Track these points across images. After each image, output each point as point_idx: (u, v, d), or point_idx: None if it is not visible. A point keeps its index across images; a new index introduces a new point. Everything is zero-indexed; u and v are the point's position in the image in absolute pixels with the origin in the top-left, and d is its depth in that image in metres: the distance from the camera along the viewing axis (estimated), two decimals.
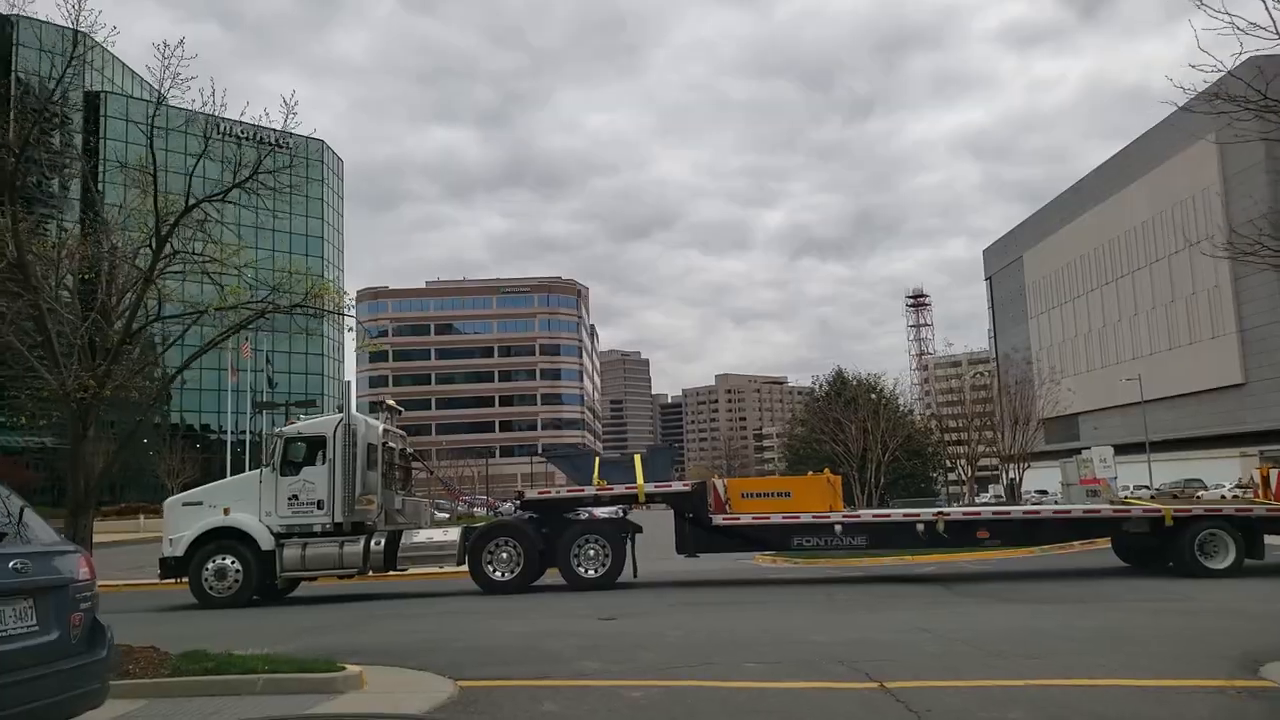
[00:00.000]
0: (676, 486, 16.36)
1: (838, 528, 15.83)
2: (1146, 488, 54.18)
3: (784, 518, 15.78)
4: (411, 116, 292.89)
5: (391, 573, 16.68)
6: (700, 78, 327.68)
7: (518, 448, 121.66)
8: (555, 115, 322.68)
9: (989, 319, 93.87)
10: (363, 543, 15.37)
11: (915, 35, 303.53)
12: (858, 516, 16.45)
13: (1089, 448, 30.58)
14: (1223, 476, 52.52)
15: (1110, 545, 17.70)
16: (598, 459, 16.87)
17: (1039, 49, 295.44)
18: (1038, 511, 16.42)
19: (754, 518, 15.89)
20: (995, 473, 46.28)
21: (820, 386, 46.19)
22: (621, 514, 16.74)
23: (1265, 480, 16.93)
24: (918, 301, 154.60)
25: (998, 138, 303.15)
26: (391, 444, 17.01)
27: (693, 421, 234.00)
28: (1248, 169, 56.01)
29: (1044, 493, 53.02)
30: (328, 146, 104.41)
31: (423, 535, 16.08)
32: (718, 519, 15.93)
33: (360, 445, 15.76)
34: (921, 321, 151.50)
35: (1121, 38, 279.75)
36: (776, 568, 20.15)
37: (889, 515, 16.76)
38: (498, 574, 15.63)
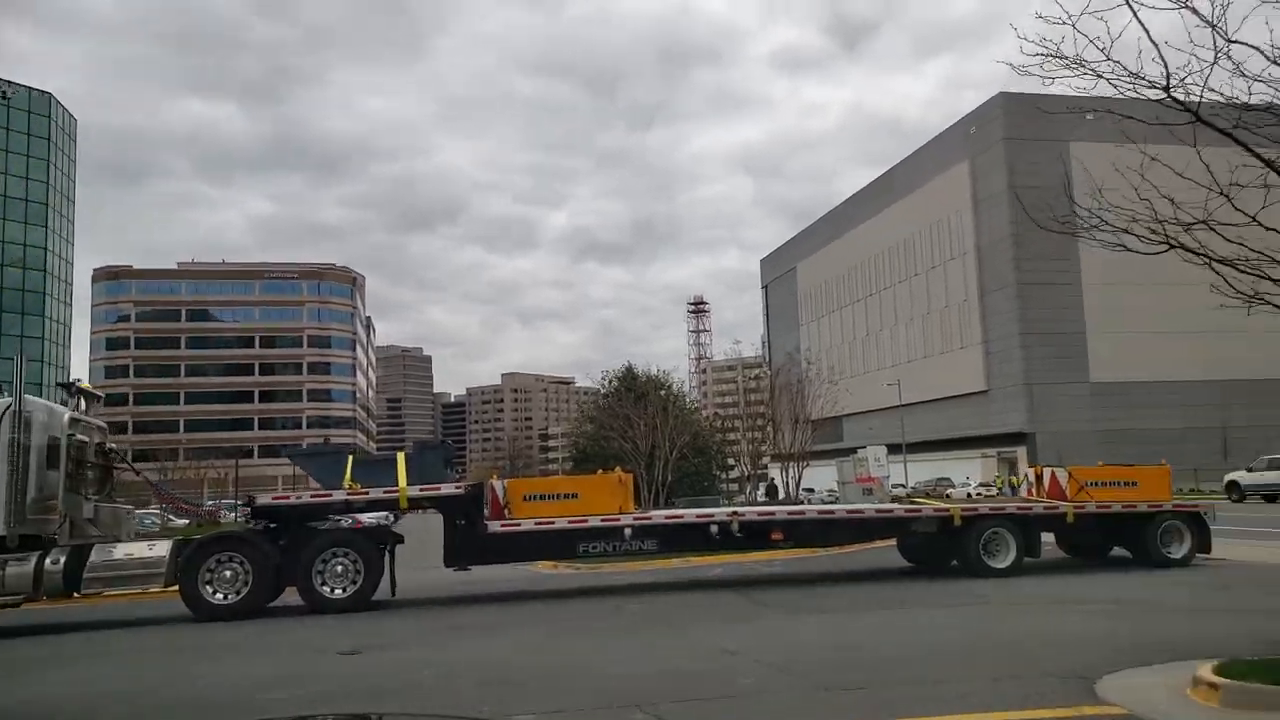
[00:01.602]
0: (446, 489, 14.16)
1: (628, 531, 14.29)
2: (903, 486, 57.45)
3: (571, 522, 14.02)
4: (166, 83, 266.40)
5: (81, 595, 13.33)
6: (486, 70, 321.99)
7: (282, 448, 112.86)
8: (330, 95, 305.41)
9: (764, 326, 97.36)
10: (34, 561, 12.06)
11: (697, 51, 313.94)
12: (649, 518, 14.99)
13: (864, 447, 31.31)
14: (967, 475, 56.68)
15: (895, 544, 17.34)
16: (351, 458, 14.33)
17: (808, 76, 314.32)
18: (832, 512, 15.69)
19: (537, 523, 14.01)
20: (771, 470, 47.25)
21: (609, 382, 45.08)
22: (390, 520, 14.34)
23: (1039, 479, 17.15)
24: (698, 308, 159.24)
25: (771, 156, 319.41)
26: (83, 437, 13.59)
27: (476, 421, 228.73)
28: (995, 194, 60.80)
29: (811, 490, 54.94)
30: (57, 101, 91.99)
31: (121, 551, 12.90)
32: (495, 526, 13.92)
33: (37, 438, 12.43)
34: (701, 327, 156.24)
35: (879, 72, 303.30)
36: (559, 575, 18.42)
37: (682, 516, 15.44)
38: (218, 596, 12.79)
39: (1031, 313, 58.70)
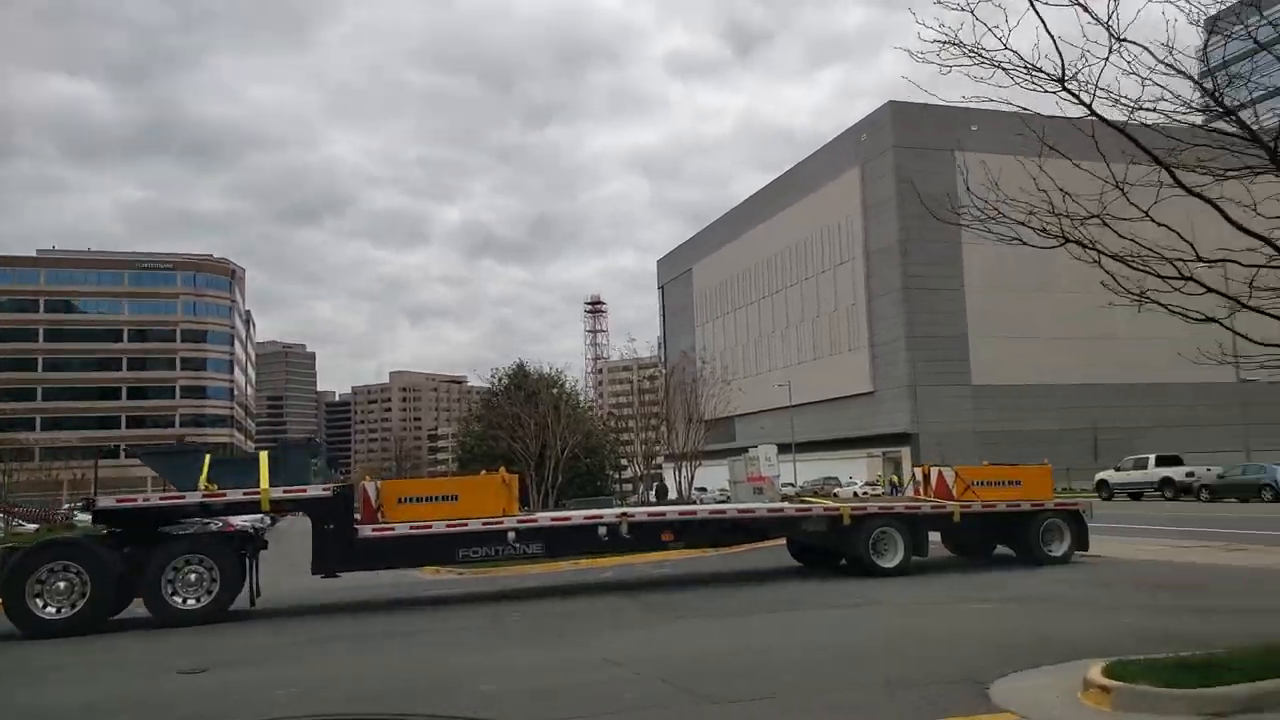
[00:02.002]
0: (313, 491, 13.14)
1: (511, 534, 13.60)
2: (792, 485, 58.23)
3: (449, 525, 13.22)
4: (24, 58, 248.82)
5: None
6: (376, 60, 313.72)
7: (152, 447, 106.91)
8: (209, 80, 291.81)
9: (660, 326, 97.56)
10: None
11: (595, 50, 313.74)
12: (534, 521, 14.30)
13: (755, 446, 31.39)
14: (854, 474, 57.87)
15: (785, 544, 17.16)
16: (208, 458, 13.15)
17: (703, 81, 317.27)
18: (723, 512, 15.34)
19: (412, 527, 13.14)
20: (662, 471, 47.08)
21: (499, 380, 43.58)
22: (266, 524, 13.25)
23: (926, 478, 17.23)
24: (595, 308, 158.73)
25: (667, 159, 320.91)
26: None
27: (362, 421, 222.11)
28: (884, 201, 62.33)
29: (704, 490, 55.09)
30: None
31: None
32: (366, 530, 13.00)
33: None
34: (598, 327, 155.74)
35: (773, 80, 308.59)
36: (441, 580, 17.55)
37: (569, 518, 14.81)
38: (50, 610, 11.50)
39: (917, 317, 60.39)
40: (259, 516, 14.18)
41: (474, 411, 55.34)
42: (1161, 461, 41.12)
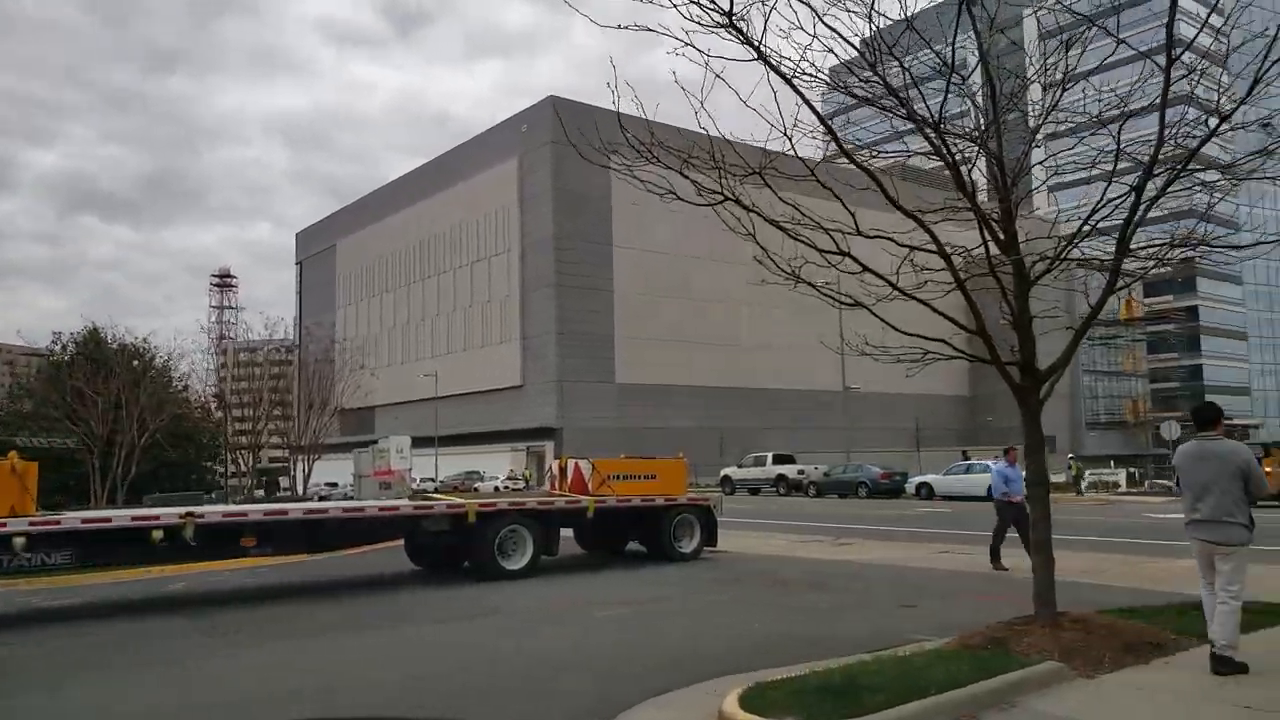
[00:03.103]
0: None
1: (20, 541, 10.13)
2: (433, 480, 55.87)
3: None
4: None
5: None
6: None
7: None
8: None
9: (297, 305, 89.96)
10: None
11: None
12: (57, 523, 10.83)
13: (386, 437, 28.79)
14: (498, 469, 56.77)
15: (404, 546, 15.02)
16: None
17: (358, 52, 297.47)
18: (324, 510, 12.86)
19: None
20: (285, 464, 42.45)
21: (63, 348, 34.97)
22: None
23: (563, 471, 16.01)
24: (224, 281, 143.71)
25: (312, 128, 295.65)
26: None
27: None
28: (541, 195, 62.07)
29: (334, 485, 50.98)
30: None
31: None
32: None
33: None
34: (226, 303, 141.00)
35: (432, 63, 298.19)
36: None
37: (110, 520, 11.46)
38: None
39: (568, 313, 60.73)
40: None
41: (23, 383, 44.25)
42: (778, 460, 44.47)
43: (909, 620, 9.60)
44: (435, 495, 16.54)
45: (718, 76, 6.38)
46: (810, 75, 7.13)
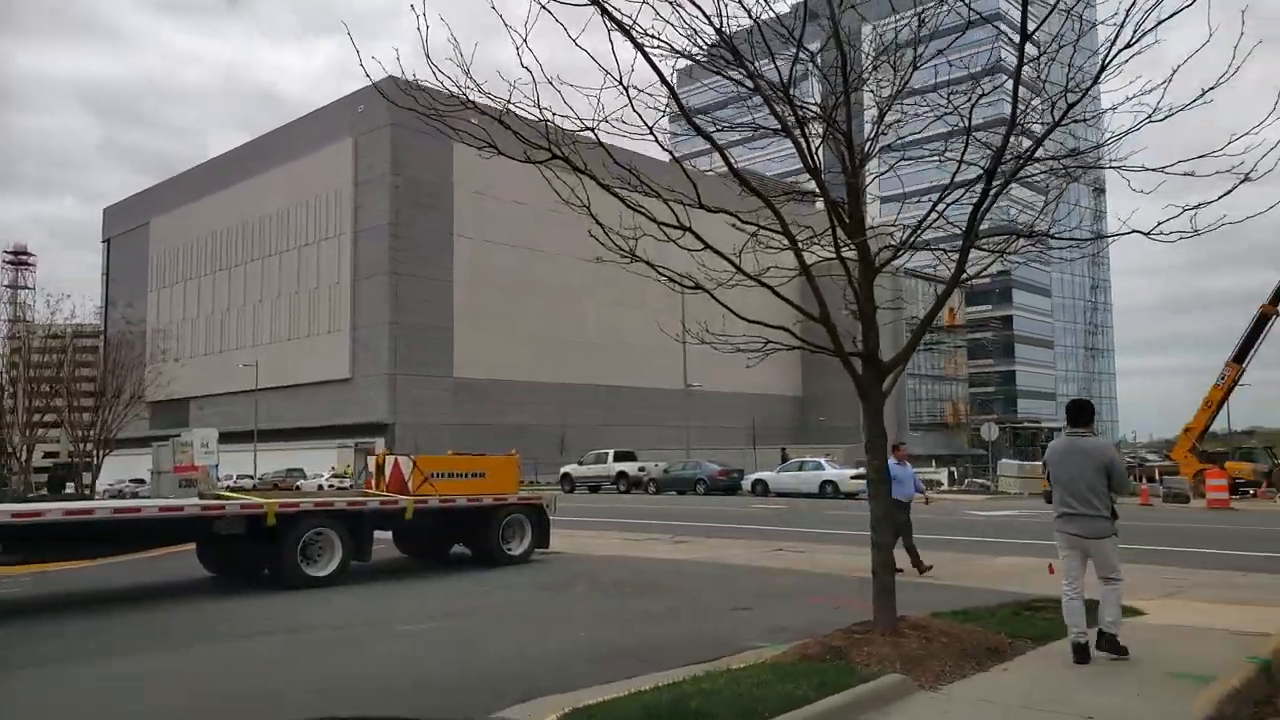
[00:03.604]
0: None
1: None
2: (251, 477, 52.31)
3: None
4: None
5: None
6: None
7: None
8: None
9: (104, 286, 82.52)
10: None
11: None
12: None
13: (190, 430, 26.29)
14: (324, 466, 53.80)
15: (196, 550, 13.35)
16: None
17: (180, 20, 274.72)
18: (88, 511, 11.09)
19: None
20: (86, 460, 38.47)
21: None
22: None
23: (381, 468, 14.71)
24: (18, 259, 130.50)
25: (126, 98, 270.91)
26: None
27: None
28: (377, 179, 59.30)
29: (141, 482, 46.83)
30: None
31: None
32: None
33: None
34: (21, 283, 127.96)
35: (261, 37, 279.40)
36: None
37: None
38: None
39: (403, 304, 58.25)
40: None
41: None
42: (619, 457, 44.05)
43: (745, 625, 9.06)
44: (230, 494, 14.86)
45: (543, 8, 5.49)
46: (651, 35, 6.38)
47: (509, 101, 5.78)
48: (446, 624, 9.61)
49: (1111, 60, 6.61)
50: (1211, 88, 6.17)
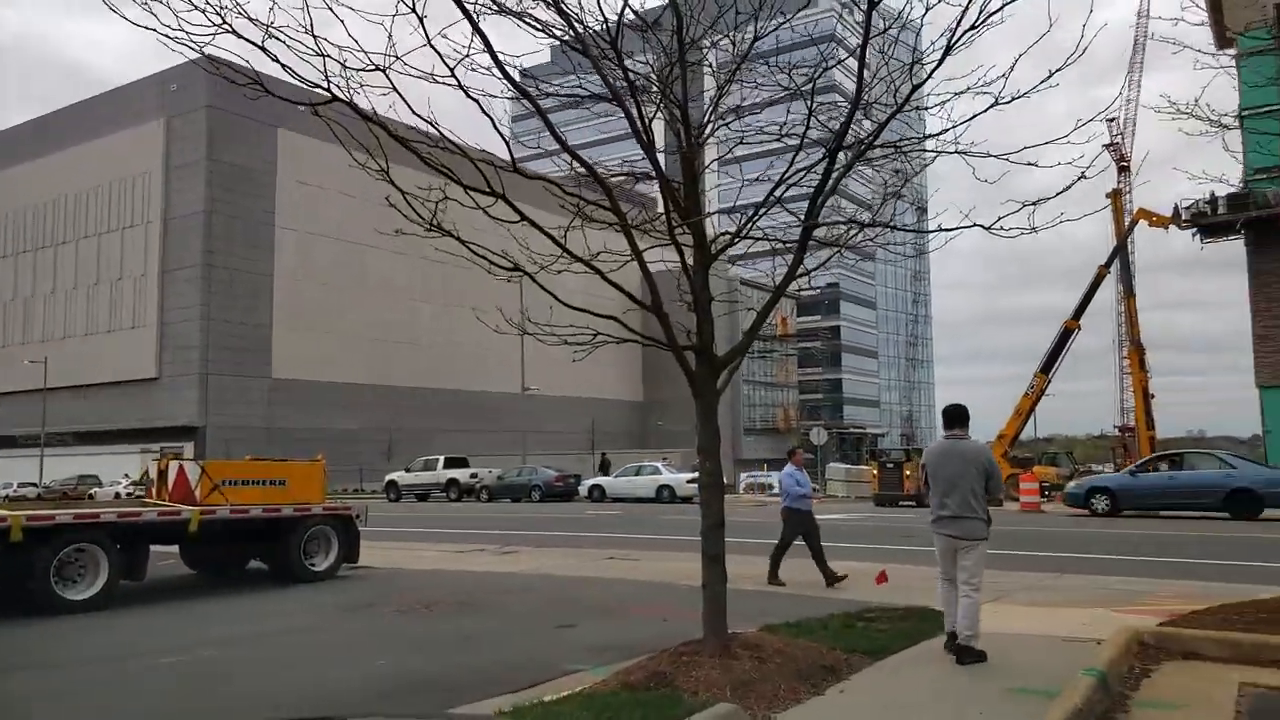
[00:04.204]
0: None
1: None
2: (36, 485, 47.25)
3: None
4: None
5: None
6: None
7: None
8: None
9: None
10: None
11: None
12: None
13: None
14: (126, 472, 49.24)
15: None
16: None
17: None
18: None
19: None
20: None
21: None
22: None
23: (163, 475, 13.00)
24: None
25: None
26: None
27: None
28: (191, 164, 55.00)
29: None
30: None
31: None
32: None
33: None
34: None
35: (58, 7, 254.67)
36: None
37: None
38: None
39: (217, 299, 54.12)
40: None
41: None
42: (450, 463, 42.33)
43: (567, 645, 8.26)
44: None
45: None
46: None
47: (270, 26, 4.72)
48: (220, 653, 8.31)
49: (957, 41, 6.27)
50: (1058, 69, 5.89)
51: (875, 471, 34.21)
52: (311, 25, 4.67)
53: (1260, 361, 41.28)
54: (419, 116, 5.23)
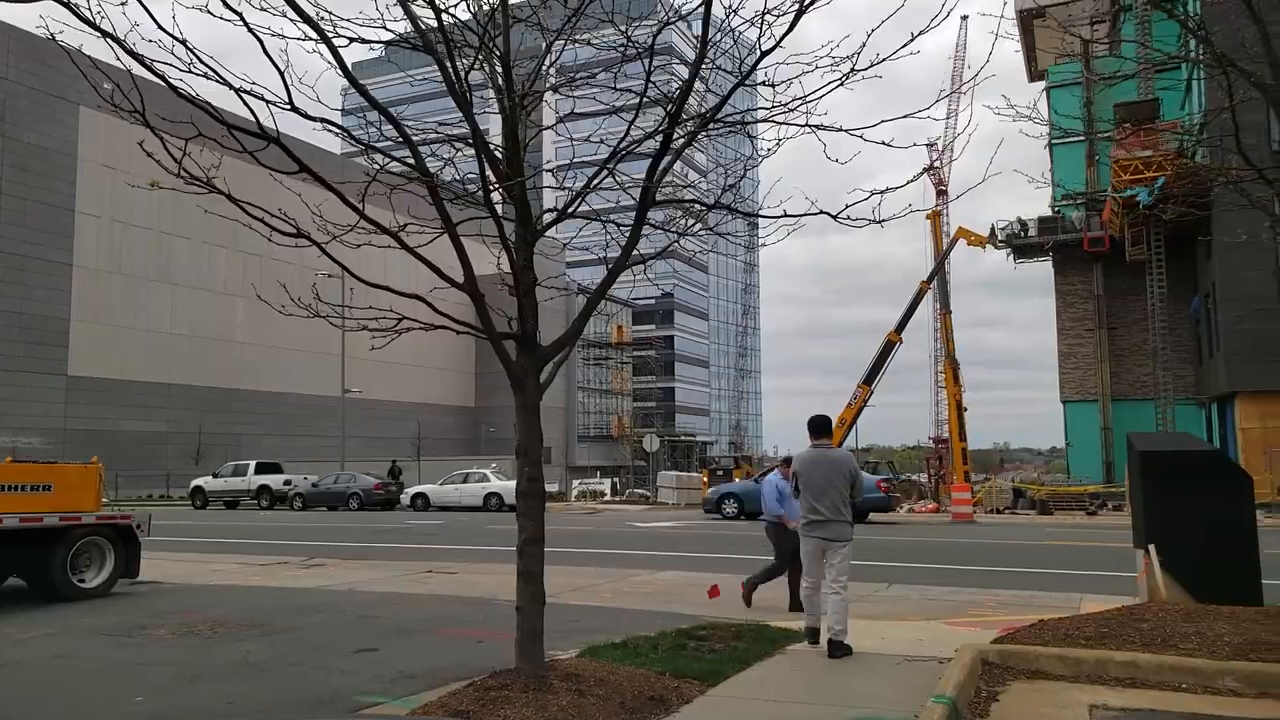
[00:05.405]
0: None
1: None
2: None
3: None
4: None
5: None
6: None
7: None
8: None
9: None
10: None
11: None
12: None
13: None
14: None
15: None
16: None
17: None
18: None
19: None
20: None
21: None
22: None
23: None
24: None
25: None
26: None
27: None
28: None
29: None
30: None
31: None
32: None
33: None
34: None
35: None
36: None
37: None
38: None
39: (7, 289, 48.56)
40: None
41: None
42: (261, 469, 39.53)
43: (365, 673, 7.28)
44: None
45: None
46: None
47: None
48: None
49: (807, 7, 5.82)
50: (906, 44, 5.52)
51: (705, 479, 34.34)
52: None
53: (1064, 378, 44.46)
54: (170, 34, 4.21)
